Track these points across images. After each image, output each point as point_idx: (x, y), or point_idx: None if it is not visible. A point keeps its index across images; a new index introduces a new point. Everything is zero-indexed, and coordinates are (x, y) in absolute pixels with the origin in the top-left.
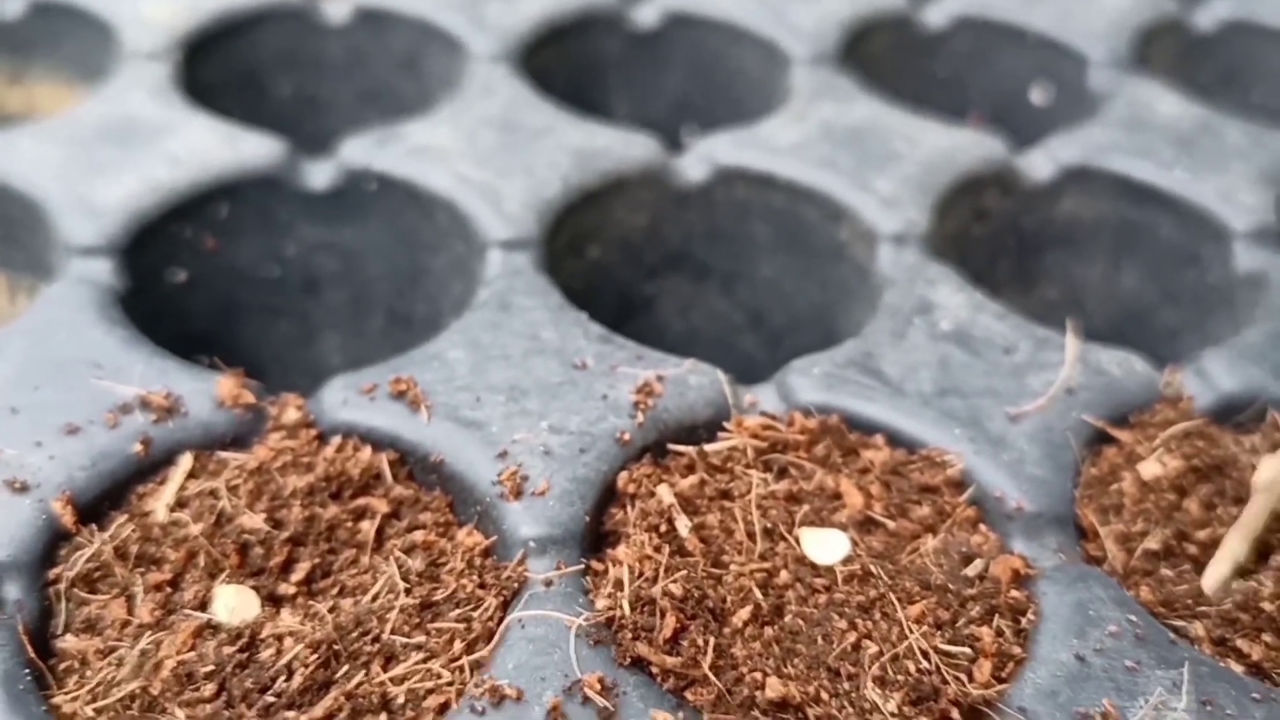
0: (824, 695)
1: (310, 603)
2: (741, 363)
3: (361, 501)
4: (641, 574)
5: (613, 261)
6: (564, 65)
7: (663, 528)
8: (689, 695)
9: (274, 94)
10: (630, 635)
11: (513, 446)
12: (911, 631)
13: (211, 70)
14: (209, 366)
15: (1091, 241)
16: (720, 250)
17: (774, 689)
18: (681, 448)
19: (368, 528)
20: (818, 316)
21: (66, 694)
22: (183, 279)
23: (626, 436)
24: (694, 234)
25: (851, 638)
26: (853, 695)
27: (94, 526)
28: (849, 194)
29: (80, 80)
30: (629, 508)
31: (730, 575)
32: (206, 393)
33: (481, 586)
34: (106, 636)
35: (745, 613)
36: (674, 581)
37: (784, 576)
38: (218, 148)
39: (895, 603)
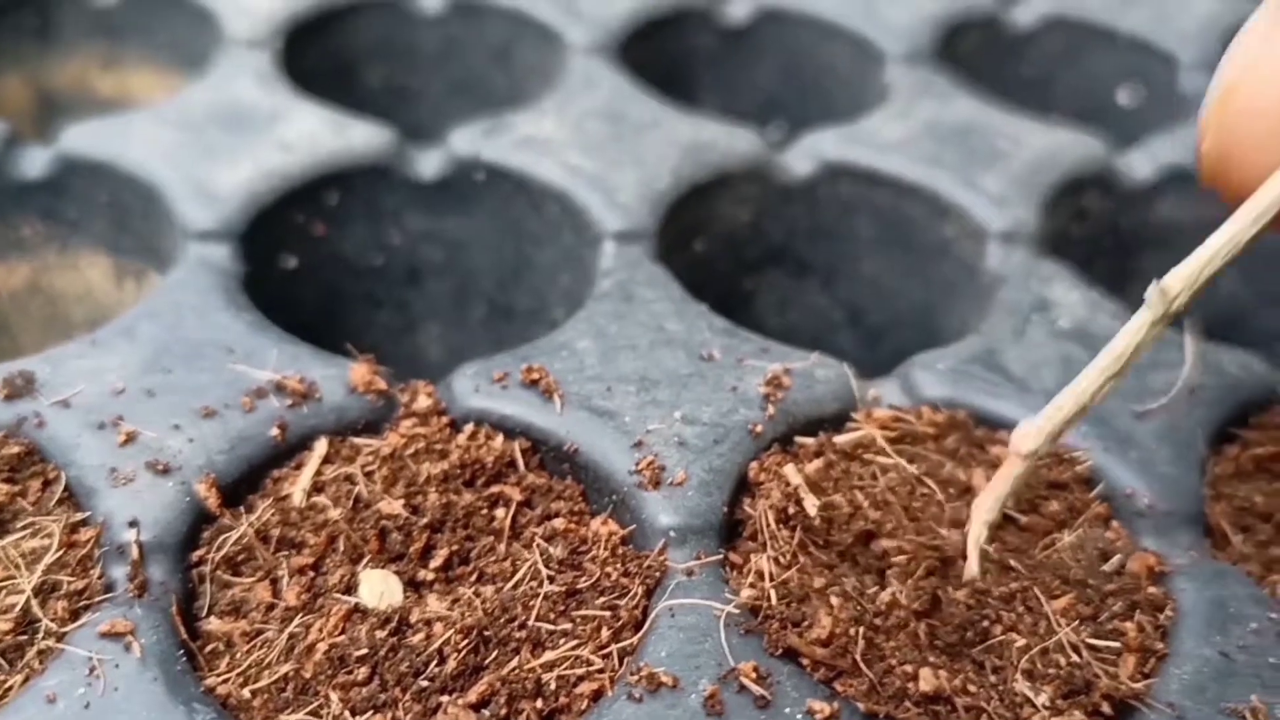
0: (971, 687)
1: (452, 589)
2: (839, 359)
3: (495, 489)
4: (781, 563)
5: (716, 256)
6: (656, 59)
7: (791, 509)
8: (838, 686)
9: (366, 84)
10: (778, 625)
11: (647, 436)
12: (1060, 625)
13: (307, 59)
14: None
15: (1189, 243)
16: (821, 247)
17: (927, 681)
18: (809, 439)
19: (503, 515)
20: (919, 314)
21: (218, 675)
22: (293, 265)
23: (758, 428)
24: (796, 230)
25: (997, 630)
26: (1001, 688)
27: (237, 509)
28: (956, 191)
29: (174, 67)
30: (760, 497)
31: (867, 559)
32: (339, 378)
33: (625, 575)
34: (252, 619)
35: (886, 597)
36: (816, 570)
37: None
38: (328, 135)
39: (1039, 596)
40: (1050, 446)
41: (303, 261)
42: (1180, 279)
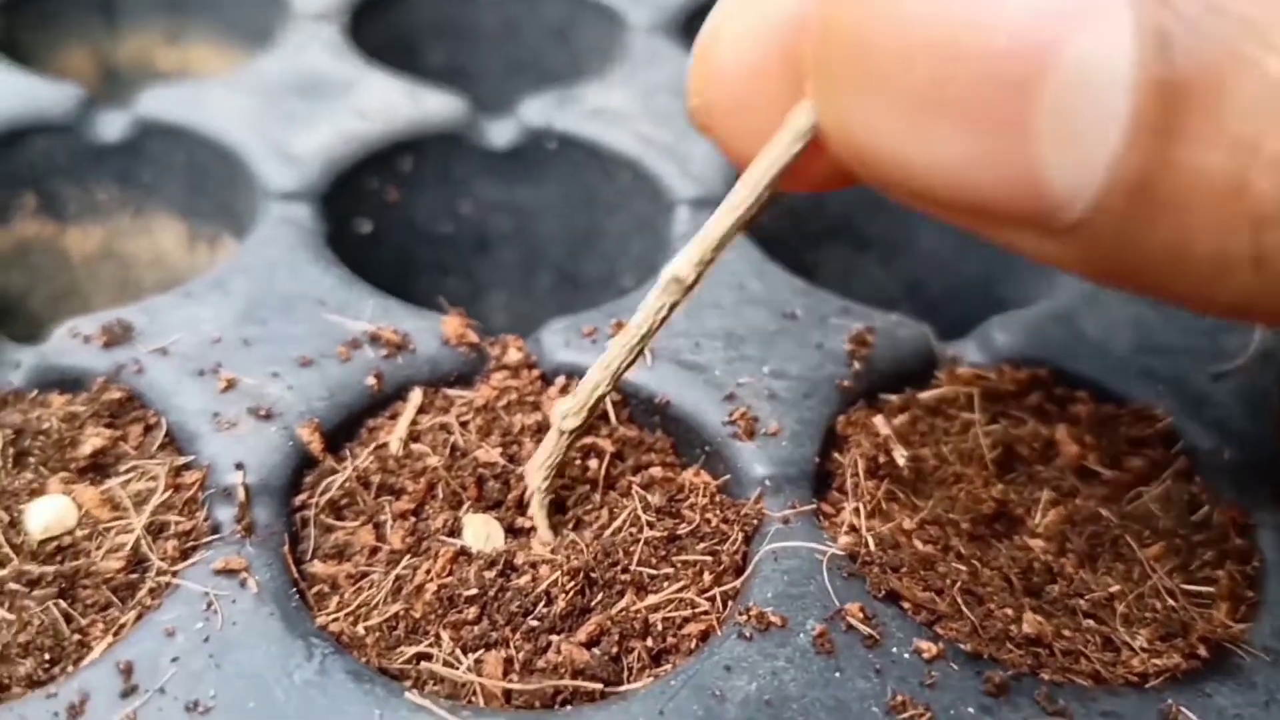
0: (1067, 631)
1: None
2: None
3: (588, 441)
4: (874, 512)
5: (780, 227)
6: None
7: (881, 459)
8: (940, 629)
9: (426, 61)
10: (878, 570)
11: (738, 389)
12: (1154, 570)
13: (371, 36)
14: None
15: None
16: (881, 221)
17: (1030, 624)
18: (893, 396)
19: (596, 465)
20: (978, 287)
21: (329, 614)
22: (369, 230)
23: (846, 383)
24: (856, 204)
25: (1087, 575)
26: (1100, 630)
27: (339, 455)
28: None
29: (235, 43)
30: (850, 449)
31: (957, 510)
32: (432, 330)
33: (725, 521)
34: (356, 562)
35: (977, 547)
36: (909, 517)
37: (1011, 510)
38: (402, 103)
39: (1130, 543)
40: (590, 419)
41: (377, 226)
42: (691, 265)
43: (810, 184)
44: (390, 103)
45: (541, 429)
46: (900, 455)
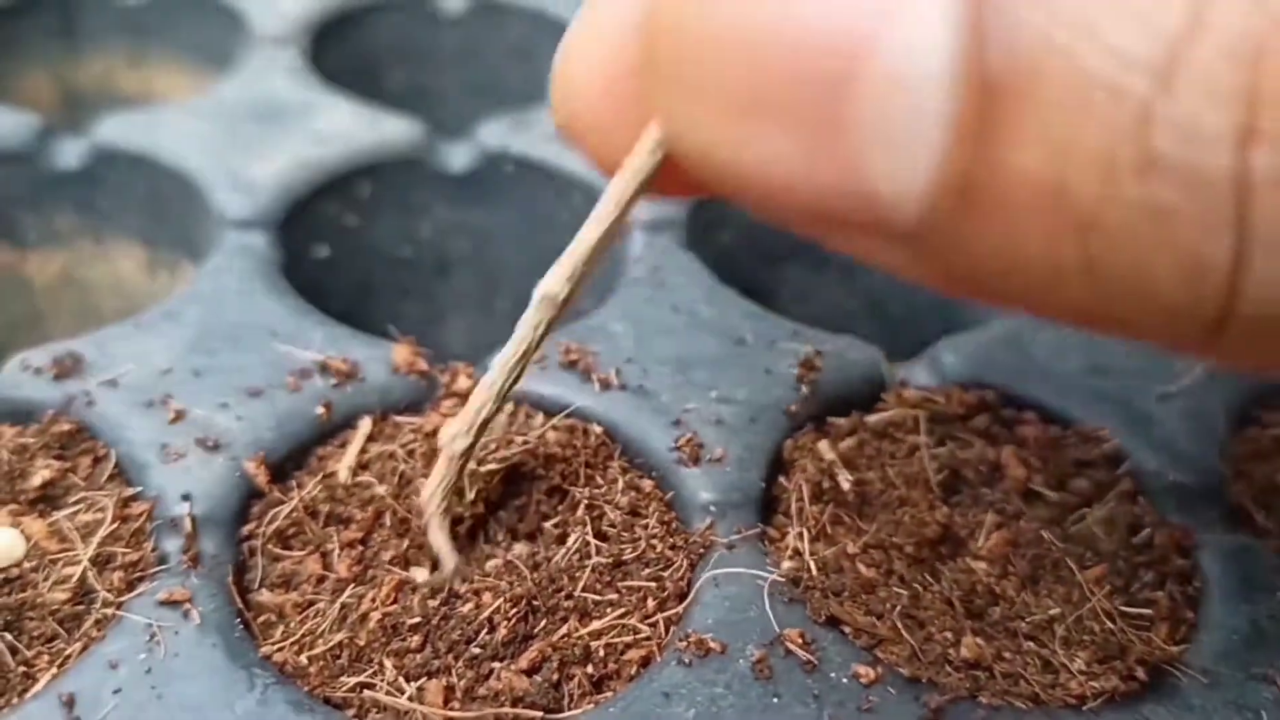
0: (1007, 654)
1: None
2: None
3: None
4: (819, 536)
5: (740, 247)
6: None
7: (825, 484)
8: (879, 653)
9: (387, 84)
10: (820, 594)
11: (685, 415)
12: (1093, 593)
13: (331, 58)
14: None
15: None
16: None
17: (969, 648)
18: (841, 419)
19: (543, 487)
20: (937, 306)
21: (273, 644)
22: (326, 255)
23: (793, 408)
24: None
25: (1029, 598)
26: (1039, 653)
27: (286, 485)
28: None
29: (198, 66)
30: (795, 473)
31: (901, 533)
32: (382, 359)
33: (671, 548)
34: (303, 591)
35: (920, 570)
36: (852, 541)
37: (955, 533)
38: (360, 128)
39: (1071, 566)
40: (476, 440)
41: (335, 251)
42: (562, 281)
43: (677, 191)
44: (348, 128)
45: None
46: (845, 479)
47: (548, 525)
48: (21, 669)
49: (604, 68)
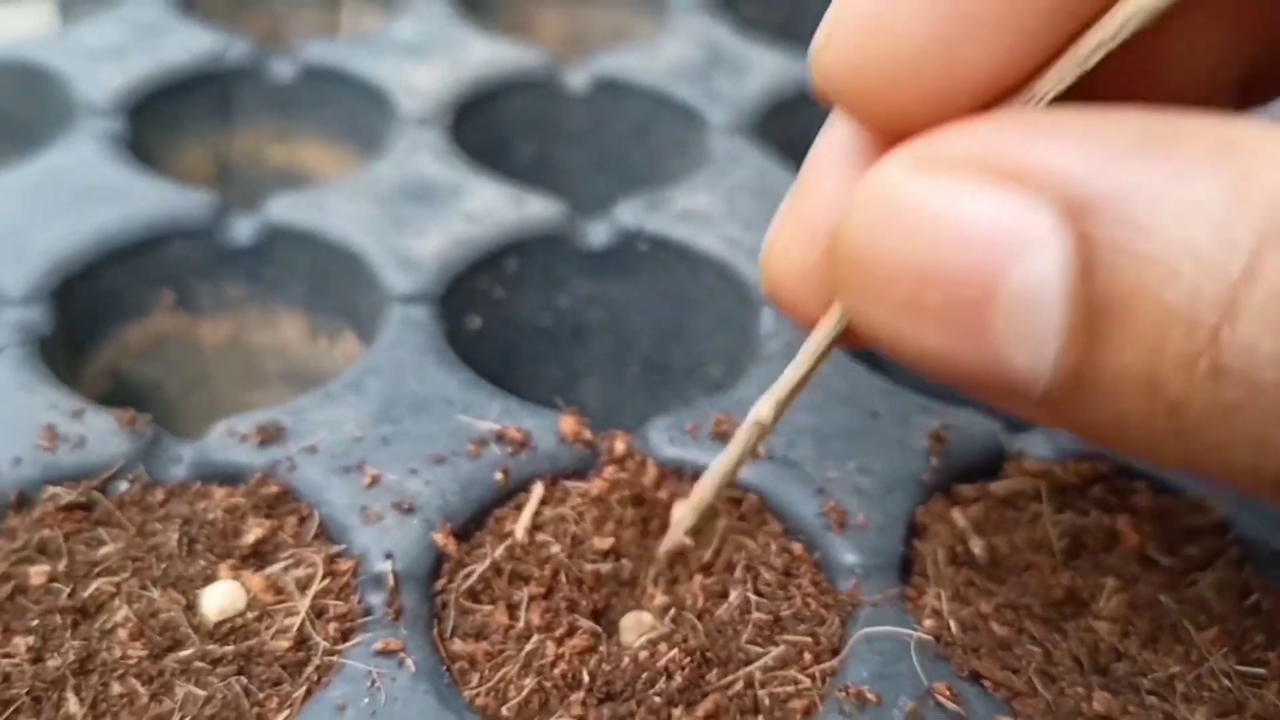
0: (1131, 708)
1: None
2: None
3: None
4: (955, 596)
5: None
6: (784, 137)
7: (959, 548)
8: (1017, 706)
9: (516, 158)
10: (961, 651)
11: (828, 484)
12: (1210, 653)
13: (468, 135)
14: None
15: None
16: None
17: (1100, 701)
18: (967, 487)
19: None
20: None
21: (472, 689)
22: (478, 326)
23: (924, 478)
24: None
25: (1150, 656)
26: (1162, 708)
27: (471, 544)
28: None
29: (341, 140)
30: (929, 539)
31: (1029, 595)
32: (551, 428)
33: (824, 607)
34: (494, 641)
35: (1048, 629)
36: (985, 601)
37: (1079, 595)
38: (506, 207)
39: (1188, 628)
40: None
41: (485, 322)
42: (770, 408)
43: (861, 347)
44: (496, 207)
45: (647, 518)
46: (976, 544)
47: (710, 583)
48: (255, 710)
49: (800, 258)
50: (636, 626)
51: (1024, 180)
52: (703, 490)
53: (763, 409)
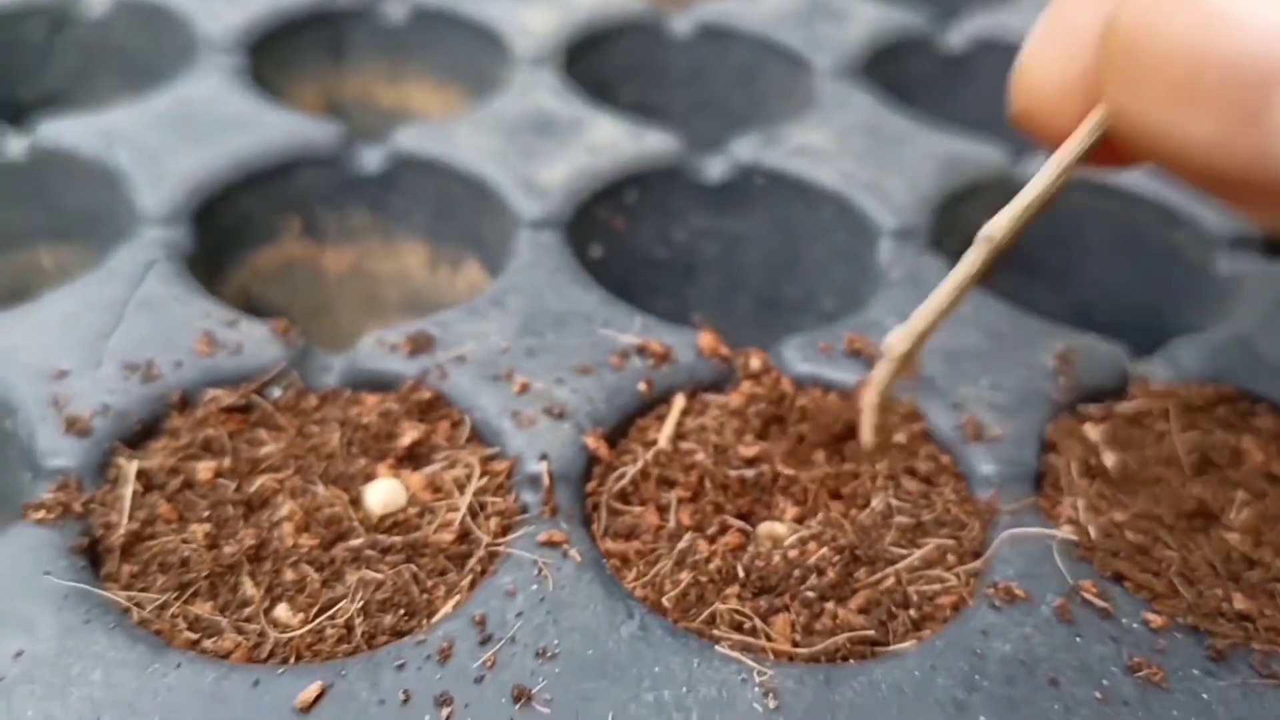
0: (1267, 610)
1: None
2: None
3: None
4: (1090, 506)
5: (960, 254)
6: (883, 83)
7: (1092, 461)
8: (1158, 606)
9: (621, 102)
10: (1102, 554)
11: (962, 399)
12: None
13: (575, 77)
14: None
15: None
16: (1052, 250)
17: (1240, 602)
18: (1094, 406)
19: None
20: (1146, 314)
21: (629, 584)
22: (600, 255)
23: (1053, 395)
24: (1030, 237)
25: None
26: None
27: (618, 450)
28: (1184, 203)
29: (450, 82)
30: (1062, 453)
31: (1162, 506)
32: (689, 344)
33: (965, 513)
34: (645, 540)
35: (1181, 538)
36: (1120, 512)
37: (1209, 508)
38: (626, 140)
39: None
40: (914, 348)
41: (605, 252)
42: (1001, 227)
43: (1106, 164)
44: (616, 140)
45: (781, 430)
46: (1109, 458)
47: (856, 488)
48: (425, 597)
49: (1060, 68)
50: (769, 536)
51: None
52: (924, 316)
53: (994, 225)
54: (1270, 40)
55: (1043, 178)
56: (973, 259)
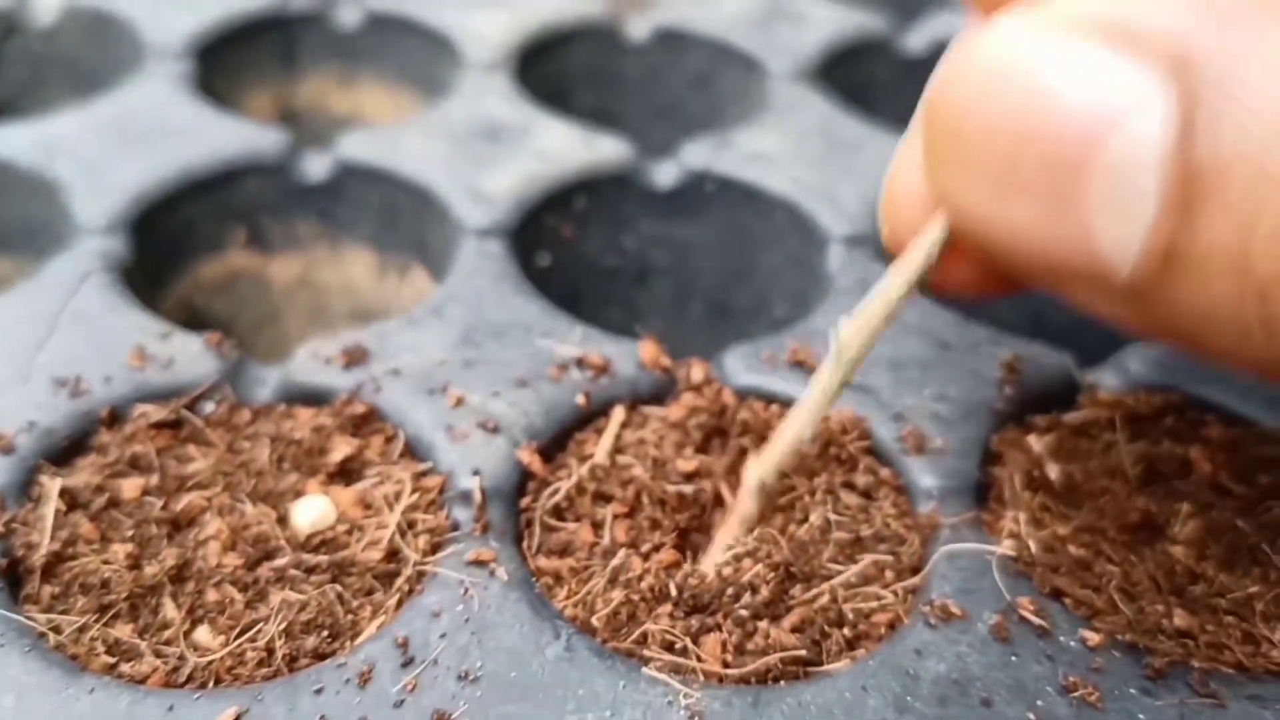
0: (1209, 626)
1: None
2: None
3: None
4: (1032, 520)
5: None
6: (841, 87)
7: (1035, 473)
8: (1098, 623)
9: (576, 107)
10: (1041, 570)
11: (905, 410)
12: None
13: (529, 82)
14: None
15: None
16: None
17: (1181, 619)
18: (1040, 416)
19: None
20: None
21: (560, 602)
22: (547, 264)
23: (998, 406)
24: None
25: (1227, 578)
26: (1240, 626)
27: (553, 464)
28: None
29: (402, 87)
30: (1005, 464)
31: (1106, 519)
32: (630, 355)
33: (904, 527)
34: (579, 558)
35: (1125, 552)
36: (1062, 525)
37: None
38: (576, 147)
39: (1266, 550)
40: (776, 480)
41: (554, 260)
42: (856, 330)
43: (954, 287)
44: (566, 147)
45: (723, 443)
46: (1053, 470)
47: (794, 500)
48: (349, 617)
49: (922, 189)
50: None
51: (1133, 40)
52: (790, 431)
53: (847, 334)
54: (1083, 120)
55: (894, 281)
56: (829, 374)
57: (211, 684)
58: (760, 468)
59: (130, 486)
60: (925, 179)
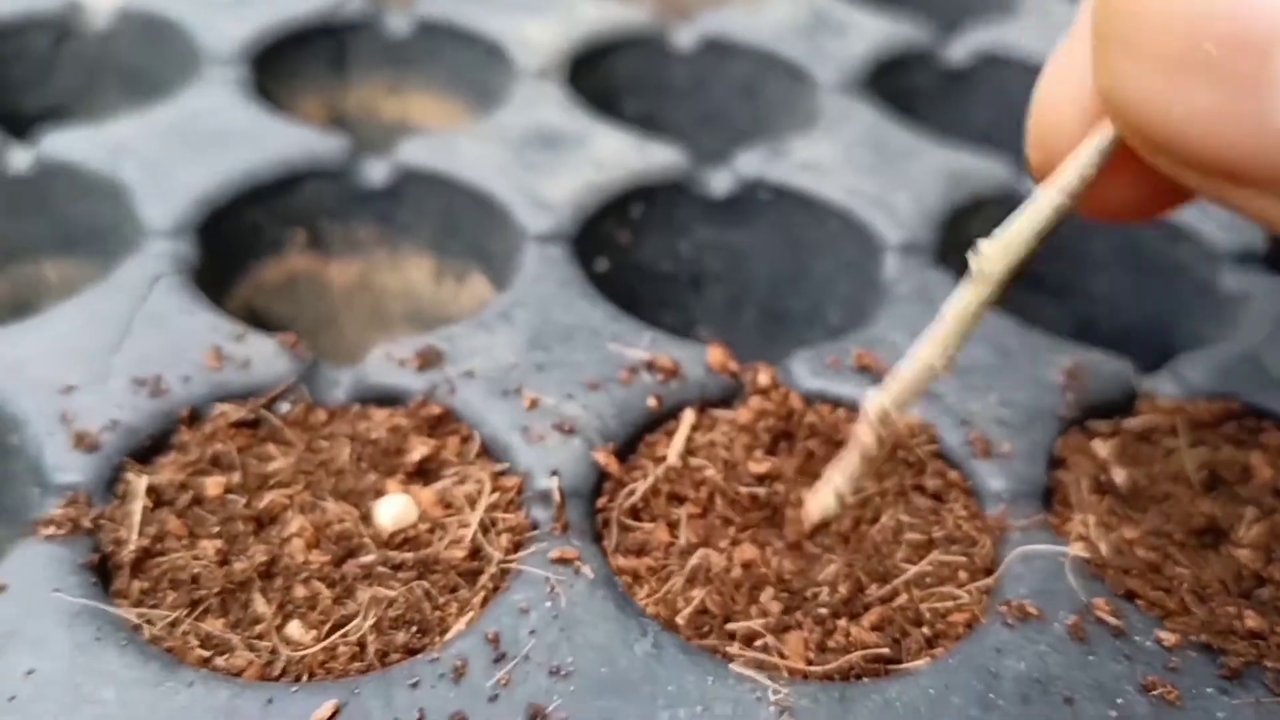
0: (1278, 629)
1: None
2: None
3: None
4: (1100, 523)
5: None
6: (885, 96)
7: (1102, 478)
8: (1170, 624)
9: (622, 114)
10: (1114, 572)
11: (971, 415)
12: None
13: (578, 90)
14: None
15: None
16: (1056, 263)
17: (1252, 620)
18: (1102, 422)
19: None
20: (1150, 329)
21: (641, 601)
22: (605, 269)
23: (1061, 411)
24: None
25: None
26: None
27: (628, 466)
28: (1187, 218)
29: (451, 94)
30: (1070, 469)
31: (1172, 523)
32: (698, 359)
33: (976, 529)
34: (656, 557)
35: (1192, 555)
36: (1129, 528)
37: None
38: (632, 154)
39: None
40: (900, 413)
41: (611, 266)
42: (994, 258)
43: (1112, 204)
44: (622, 154)
45: (791, 446)
46: (1118, 474)
47: (865, 503)
48: (437, 614)
49: (1074, 109)
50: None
51: None
52: (918, 363)
53: (988, 249)
54: (1267, 2)
55: (1049, 195)
56: (970, 295)
57: (307, 678)
58: (884, 396)
59: (213, 484)
60: (1094, 73)
